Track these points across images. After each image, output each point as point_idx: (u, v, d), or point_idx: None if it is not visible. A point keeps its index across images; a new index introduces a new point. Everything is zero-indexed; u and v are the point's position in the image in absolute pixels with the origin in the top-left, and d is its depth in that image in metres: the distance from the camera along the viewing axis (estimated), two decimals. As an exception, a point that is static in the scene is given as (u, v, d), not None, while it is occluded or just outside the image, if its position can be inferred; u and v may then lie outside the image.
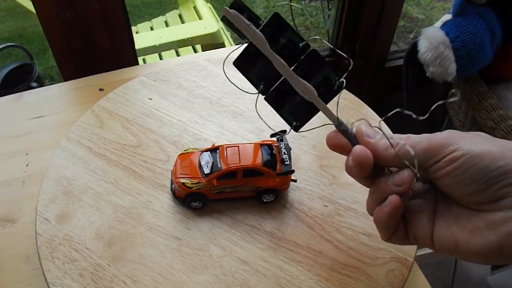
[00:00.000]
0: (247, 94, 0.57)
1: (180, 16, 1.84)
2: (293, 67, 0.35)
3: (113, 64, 0.70)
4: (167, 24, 1.81)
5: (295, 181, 0.46)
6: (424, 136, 0.32)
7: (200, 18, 1.72)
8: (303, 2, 2.33)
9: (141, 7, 2.23)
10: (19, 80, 1.22)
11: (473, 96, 0.90)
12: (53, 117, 0.59)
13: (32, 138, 0.55)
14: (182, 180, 0.43)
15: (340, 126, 0.36)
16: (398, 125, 0.55)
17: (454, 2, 0.92)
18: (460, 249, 0.30)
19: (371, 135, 0.34)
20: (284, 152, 0.44)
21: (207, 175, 0.43)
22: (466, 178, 0.29)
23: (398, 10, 1.06)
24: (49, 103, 0.60)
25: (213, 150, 0.45)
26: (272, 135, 0.45)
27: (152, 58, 1.57)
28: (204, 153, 0.45)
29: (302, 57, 0.35)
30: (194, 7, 1.80)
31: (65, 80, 0.67)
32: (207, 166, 0.43)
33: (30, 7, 1.51)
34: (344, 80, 0.36)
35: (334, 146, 0.36)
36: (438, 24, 0.93)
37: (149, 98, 0.56)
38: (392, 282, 0.39)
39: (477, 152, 0.29)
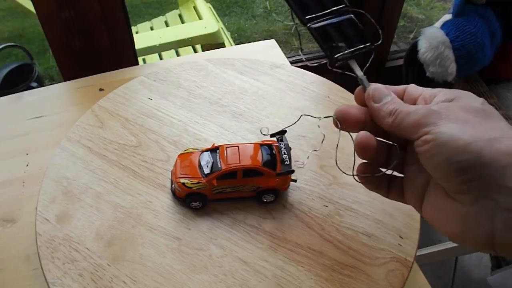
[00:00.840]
0: (247, 94, 0.57)
1: (180, 16, 1.84)
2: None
3: (113, 64, 0.70)
4: (167, 24, 1.81)
5: (295, 181, 0.45)
6: (419, 107, 0.31)
7: (200, 18, 1.72)
8: (303, 2, 2.32)
9: (141, 7, 2.23)
10: (19, 80, 1.22)
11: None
12: (53, 117, 0.59)
13: (32, 138, 0.55)
14: (182, 180, 0.43)
15: (362, 80, 0.36)
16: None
17: (454, 2, 0.92)
18: (436, 227, 0.31)
19: (377, 99, 0.34)
20: (284, 152, 0.44)
21: (207, 175, 0.43)
22: (433, 164, 0.29)
23: (398, 10, 1.06)
24: (49, 103, 0.60)
25: (213, 150, 0.45)
26: (272, 135, 0.45)
27: (152, 58, 1.57)
28: (204, 153, 0.45)
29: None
30: (194, 7, 1.80)
31: (65, 80, 0.67)
32: (207, 166, 0.43)
33: (30, 7, 1.51)
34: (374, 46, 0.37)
35: (359, 102, 0.37)
36: (438, 24, 0.93)
37: (149, 98, 0.56)
38: (392, 282, 0.39)
39: (443, 140, 0.28)
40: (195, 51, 1.60)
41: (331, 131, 0.40)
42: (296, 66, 0.62)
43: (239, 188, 0.43)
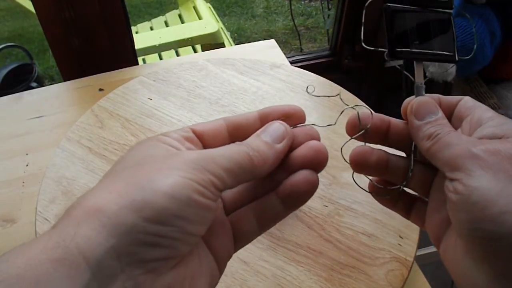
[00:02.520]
0: (247, 94, 0.57)
1: (180, 16, 1.84)
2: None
3: (113, 64, 0.70)
4: (167, 24, 1.81)
5: None
6: (461, 140, 0.26)
7: (200, 18, 1.72)
8: (303, 2, 2.33)
9: (141, 7, 2.24)
10: (19, 80, 1.22)
11: (473, 96, 0.90)
12: (53, 117, 0.59)
13: (32, 138, 0.55)
14: None
15: (418, 89, 0.31)
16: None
17: (454, 2, 0.92)
18: (451, 275, 0.28)
19: (420, 115, 0.29)
20: None
21: None
22: (456, 218, 0.25)
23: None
24: (49, 103, 0.60)
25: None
26: None
27: (152, 58, 1.57)
28: None
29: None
30: (194, 7, 1.80)
31: (65, 80, 0.67)
32: None
33: (30, 7, 1.51)
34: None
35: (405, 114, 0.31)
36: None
37: (149, 98, 0.56)
38: (392, 282, 0.39)
39: (474, 200, 0.23)
40: (195, 51, 1.60)
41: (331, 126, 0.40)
42: (296, 66, 0.62)
43: None
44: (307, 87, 0.37)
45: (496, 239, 0.22)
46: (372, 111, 0.31)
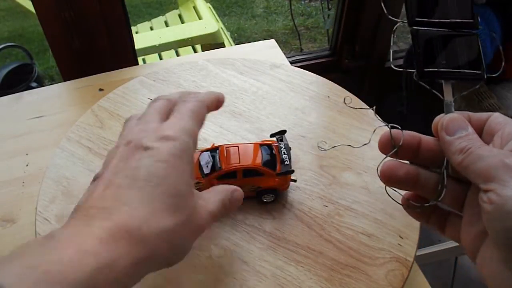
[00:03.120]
0: (247, 94, 0.57)
1: (180, 16, 1.84)
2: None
3: (113, 64, 0.70)
4: (167, 24, 1.81)
5: (295, 181, 0.45)
6: (493, 153, 0.27)
7: (200, 18, 1.72)
8: (303, 2, 2.33)
9: (141, 7, 2.24)
10: (19, 80, 1.22)
11: (473, 96, 0.90)
12: (53, 117, 0.59)
13: (32, 138, 0.55)
14: None
15: (448, 106, 0.32)
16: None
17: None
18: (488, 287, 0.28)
19: (450, 131, 0.30)
20: (284, 152, 0.44)
21: (206, 175, 0.43)
22: (491, 228, 0.26)
23: (398, 10, 1.06)
24: (49, 103, 0.60)
25: (213, 150, 0.44)
26: (272, 135, 0.45)
27: (152, 58, 1.57)
28: (204, 153, 0.44)
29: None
30: (194, 7, 1.80)
31: (65, 80, 0.67)
32: (207, 166, 0.43)
33: (30, 7, 1.51)
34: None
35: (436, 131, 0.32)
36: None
37: (149, 98, 0.56)
38: (392, 282, 0.39)
39: (508, 209, 0.24)
40: (195, 51, 1.60)
41: (331, 132, 0.40)
42: (296, 66, 0.62)
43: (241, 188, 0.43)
44: (344, 99, 0.39)
45: None
46: (402, 130, 0.32)
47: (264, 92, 0.57)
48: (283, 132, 0.46)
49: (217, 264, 0.40)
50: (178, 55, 1.60)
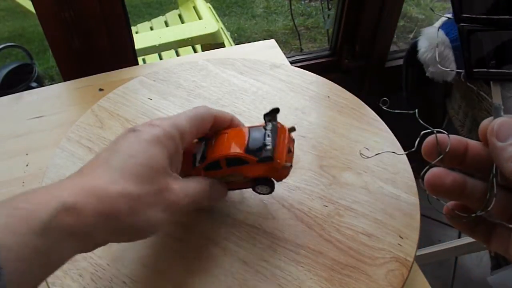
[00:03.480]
0: (247, 94, 0.57)
1: (180, 16, 1.84)
2: None
3: (113, 64, 0.70)
4: (167, 24, 1.81)
5: (287, 167, 0.38)
6: None
7: (200, 18, 1.72)
8: (303, 2, 2.33)
9: (141, 7, 2.24)
10: (19, 80, 1.22)
11: (473, 96, 0.90)
12: (53, 117, 0.59)
13: (32, 138, 0.55)
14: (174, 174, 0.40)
15: (496, 109, 0.30)
16: (397, 127, 0.55)
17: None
18: None
19: (502, 136, 0.28)
20: (268, 135, 0.38)
21: (194, 166, 0.39)
22: None
23: (398, 10, 1.06)
24: (49, 103, 0.60)
25: (209, 138, 0.40)
26: (264, 116, 0.40)
27: (152, 58, 1.57)
28: (201, 143, 0.41)
29: None
30: (194, 7, 1.80)
31: (65, 80, 0.67)
32: (198, 157, 0.40)
33: (30, 7, 1.51)
34: None
35: (484, 137, 0.30)
36: (438, 24, 0.93)
37: (149, 98, 0.56)
38: (392, 282, 0.39)
39: None
40: (195, 51, 1.60)
41: (331, 132, 0.40)
42: (296, 66, 0.62)
43: (229, 178, 0.39)
44: (381, 100, 0.38)
45: None
46: (448, 134, 0.30)
47: (264, 92, 0.57)
48: (275, 111, 0.40)
49: (217, 264, 0.40)
50: (178, 55, 1.60)
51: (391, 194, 0.46)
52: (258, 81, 0.59)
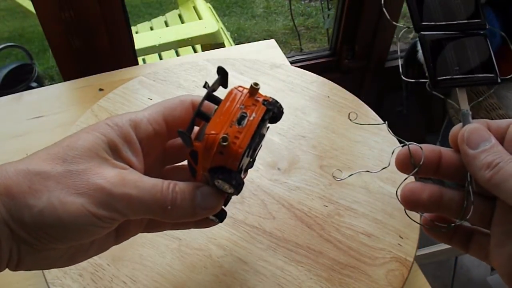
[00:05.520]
0: (247, 94, 0.57)
1: (180, 16, 1.84)
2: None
3: (113, 64, 0.70)
4: (167, 24, 1.81)
5: (223, 143, 0.25)
6: None
7: (200, 18, 1.72)
8: (303, 2, 2.33)
9: (141, 7, 2.24)
10: (19, 80, 1.22)
11: (473, 96, 0.90)
12: (53, 117, 0.59)
13: (32, 138, 0.55)
14: None
15: (465, 116, 0.30)
16: (398, 126, 0.55)
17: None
18: None
19: (473, 143, 0.27)
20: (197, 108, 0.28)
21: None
22: None
23: (398, 10, 1.06)
24: (49, 103, 0.60)
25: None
26: (204, 86, 0.30)
27: (152, 58, 1.57)
28: None
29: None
30: (194, 7, 1.80)
31: (65, 80, 0.67)
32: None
33: (30, 7, 1.51)
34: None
35: (455, 143, 0.30)
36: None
37: (148, 98, 0.56)
38: (392, 282, 0.39)
39: None
40: (195, 51, 1.60)
41: (328, 131, 0.40)
42: (296, 66, 0.62)
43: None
44: (349, 114, 0.35)
45: None
46: (421, 146, 0.29)
47: (264, 92, 0.57)
48: (219, 72, 0.31)
49: (217, 264, 0.40)
50: (178, 55, 1.60)
51: (391, 194, 0.46)
52: (258, 81, 0.59)
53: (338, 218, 0.44)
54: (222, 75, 0.29)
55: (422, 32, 0.30)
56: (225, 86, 0.30)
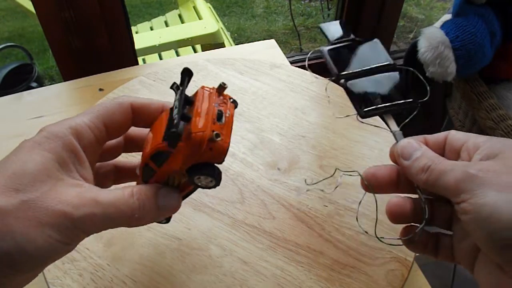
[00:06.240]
0: (247, 94, 0.57)
1: (180, 16, 1.84)
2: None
3: (113, 64, 0.70)
4: (167, 24, 1.81)
5: (214, 139, 0.26)
6: (455, 166, 0.28)
7: (200, 18, 1.72)
8: (303, 2, 2.33)
9: (141, 7, 2.24)
10: (19, 80, 1.22)
11: (473, 96, 0.90)
12: (53, 117, 0.59)
13: (32, 138, 0.55)
14: None
15: (397, 135, 0.34)
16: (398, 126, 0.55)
17: (454, 2, 0.92)
18: None
19: (406, 155, 0.31)
20: (176, 107, 0.28)
21: (145, 181, 0.30)
22: (475, 236, 0.26)
23: (398, 10, 1.06)
24: (49, 103, 0.60)
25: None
26: (172, 85, 0.30)
27: (152, 58, 1.57)
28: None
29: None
30: (194, 7, 1.80)
31: (65, 80, 0.67)
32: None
33: (30, 7, 1.51)
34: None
35: (394, 160, 0.33)
36: (438, 24, 0.93)
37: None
38: (392, 282, 0.39)
39: (484, 216, 0.25)
40: (195, 51, 1.60)
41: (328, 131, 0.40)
42: (296, 66, 0.62)
43: (174, 182, 0.30)
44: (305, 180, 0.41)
45: None
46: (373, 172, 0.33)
47: (264, 92, 0.57)
48: (185, 74, 0.30)
49: (217, 264, 0.40)
50: (178, 55, 1.60)
51: (390, 194, 0.46)
52: (258, 81, 0.59)
53: (338, 218, 0.44)
54: (189, 76, 0.30)
55: (342, 80, 0.37)
56: (184, 84, 0.30)
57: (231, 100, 0.30)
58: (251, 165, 0.48)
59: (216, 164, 0.28)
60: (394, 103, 0.35)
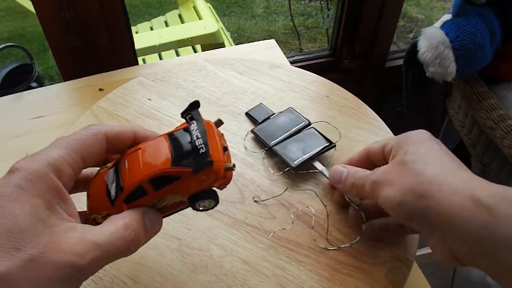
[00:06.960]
0: (246, 94, 0.57)
1: (180, 16, 1.84)
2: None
3: (113, 64, 0.70)
4: (167, 24, 1.82)
5: (232, 168, 0.30)
6: (367, 176, 0.38)
7: (200, 18, 1.72)
8: (303, 2, 2.33)
9: (141, 7, 2.24)
10: (19, 80, 1.22)
11: (473, 96, 0.90)
12: (53, 117, 0.59)
13: (32, 138, 0.55)
14: (92, 216, 0.31)
15: (324, 171, 0.46)
16: (398, 126, 0.55)
17: (454, 2, 0.92)
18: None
19: (336, 180, 0.41)
20: (197, 136, 0.29)
21: (114, 201, 0.30)
22: (392, 215, 0.37)
23: (398, 10, 1.06)
24: (49, 103, 0.60)
25: (117, 162, 0.31)
26: (183, 114, 0.32)
27: (152, 58, 1.57)
28: (109, 171, 0.31)
29: None
30: (194, 7, 1.80)
31: (65, 80, 0.67)
32: (113, 188, 0.30)
33: (30, 7, 1.51)
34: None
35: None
36: (438, 24, 0.93)
37: (148, 99, 0.56)
38: (393, 281, 0.39)
39: (387, 206, 0.35)
40: (195, 51, 1.60)
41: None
42: (296, 66, 0.62)
43: (160, 204, 0.31)
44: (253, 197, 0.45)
45: (409, 214, 0.34)
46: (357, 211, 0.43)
47: (264, 92, 0.57)
48: (194, 105, 0.32)
49: (218, 264, 0.40)
50: (178, 55, 1.60)
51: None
52: (258, 81, 0.59)
53: (338, 217, 0.44)
54: (196, 105, 0.33)
55: (272, 148, 0.48)
56: (198, 115, 0.33)
57: (222, 134, 0.33)
58: (251, 165, 0.48)
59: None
60: (315, 150, 0.47)
